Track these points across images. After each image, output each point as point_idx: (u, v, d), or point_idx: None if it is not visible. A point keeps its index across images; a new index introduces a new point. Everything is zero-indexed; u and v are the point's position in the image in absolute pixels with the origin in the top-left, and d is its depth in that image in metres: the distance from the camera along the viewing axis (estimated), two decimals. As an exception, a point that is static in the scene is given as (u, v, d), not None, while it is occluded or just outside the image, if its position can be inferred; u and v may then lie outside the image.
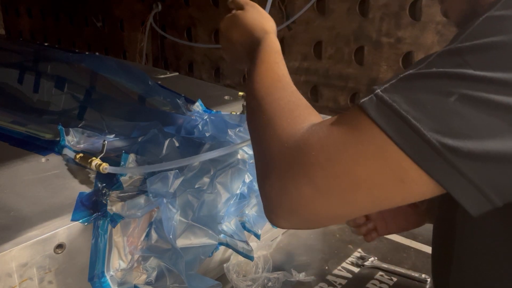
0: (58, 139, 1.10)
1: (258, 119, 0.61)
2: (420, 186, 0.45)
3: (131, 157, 1.01)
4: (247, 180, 1.10)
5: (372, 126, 0.46)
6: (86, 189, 0.92)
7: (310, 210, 0.49)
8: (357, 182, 0.47)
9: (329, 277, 1.11)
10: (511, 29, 0.44)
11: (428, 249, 1.18)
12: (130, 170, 0.95)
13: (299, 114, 0.56)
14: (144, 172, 0.96)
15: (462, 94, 0.43)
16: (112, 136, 1.16)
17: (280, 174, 0.51)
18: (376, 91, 0.48)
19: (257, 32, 0.77)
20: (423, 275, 1.08)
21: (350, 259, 1.17)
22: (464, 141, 0.43)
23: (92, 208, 0.86)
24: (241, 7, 0.82)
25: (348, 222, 0.98)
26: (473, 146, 0.42)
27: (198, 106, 1.37)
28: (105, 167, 0.91)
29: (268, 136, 0.57)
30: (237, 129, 1.17)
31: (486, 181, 0.43)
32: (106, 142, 1.00)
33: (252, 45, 0.75)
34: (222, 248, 1.08)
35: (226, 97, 1.60)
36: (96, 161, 0.92)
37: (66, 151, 1.04)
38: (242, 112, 1.36)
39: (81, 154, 0.98)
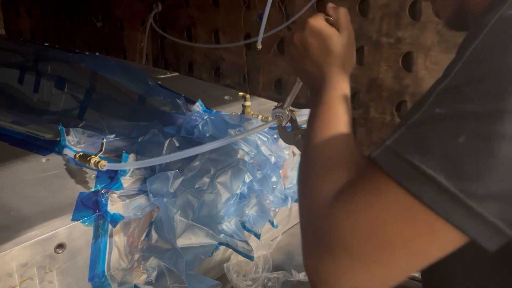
0: (58, 139, 1.10)
1: (304, 172, 0.61)
2: (451, 234, 0.44)
3: (131, 157, 1.01)
4: (247, 180, 1.10)
5: (390, 182, 0.46)
6: (87, 189, 0.92)
7: (354, 280, 0.48)
8: (390, 242, 0.46)
9: (329, 277, 1.11)
10: (501, 56, 0.44)
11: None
12: (128, 165, 0.95)
13: (336, 177, 0.55)
14: (141, 166, 0.95)
15: (468, 132, 0.43)
16: (112, 136, 1.16)
17: (317, 248, 0.50)
18: (387, 143, 0.47)
19: (337, 65, 0.72)
20: (423, 275, 1.08)
21: (350, 259, 1.17)
22: (479, 182, 0.42)
23: (92, 208, 0.86)
24: (339, 27, 0.75)
25: None
26: (488, 186, 0.42)
27: (198, 106, 1.37)
28: (104, 164, 0.90)
29: (305, 199, 0.57)
30: (237, 129, 1.17)
31: (504, 218, 0.42)
32: (105, 140, 1.00)
33: (327, 76, 0.71)
34: (222, 248, 1.08)
35: (226, 97, 1.60)
36: (94, 158, 0.92)
37: (67, 151, 1.04)
38: (242, 112, 1.36)
39: (80, 153, 0.98)
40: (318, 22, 0.75)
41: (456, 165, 0.43)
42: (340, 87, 0.70)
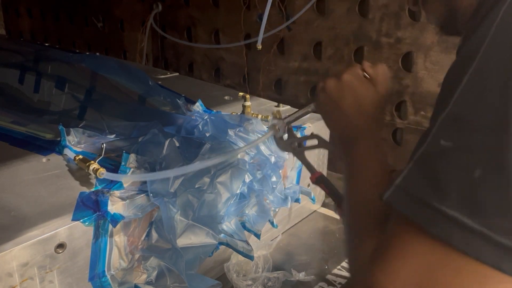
0: (58, 139, 1.10)
1: (346, 233, 0.63)
2: (494, 271, 0.41)
3: (132, 157, 1.01)
4: (247, 180, 1.10)
5: (413, 229, 0.44)
6: (87, 189, 0.92)
7: None
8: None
9: (329, 277, 1.12)
10: (503, 80, 0.42)
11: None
12: (126, 178, 0.95)
13: (371, 238, 0.54)
14: (140, 180, 0.95)
15: (481, 164, 0.41)
16: (113, 136, 1.16)
17: None
18: (397, 182, 0.46)
19: (369, 123, 0.70)
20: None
21: (350, 258, 1.18)
22: (503, 215, 0.40)
23: (92, 208, 0.86)
24: (376, 83, 0.72)
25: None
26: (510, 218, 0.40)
27: (198, 106, 1.37)
28: (102, 172, 0.90)
29: (349, 260, 0.59)
30: (237, 129, 1.17)
31: None
32: (104, 145, 1.00)
33: (358, 134, 0.69)
34: (222, 247, 1.08)
35: (226, 97, 1.60)
36: (93, 165, 0.92)
37: (67, 151, 1.04)
38: (242, 112, 1.37)
39: (80, 156, 0.98)
40: (355, 76, 0.72)
41: (477, 201, 0.41)
42: (378, 141, 0.68)
